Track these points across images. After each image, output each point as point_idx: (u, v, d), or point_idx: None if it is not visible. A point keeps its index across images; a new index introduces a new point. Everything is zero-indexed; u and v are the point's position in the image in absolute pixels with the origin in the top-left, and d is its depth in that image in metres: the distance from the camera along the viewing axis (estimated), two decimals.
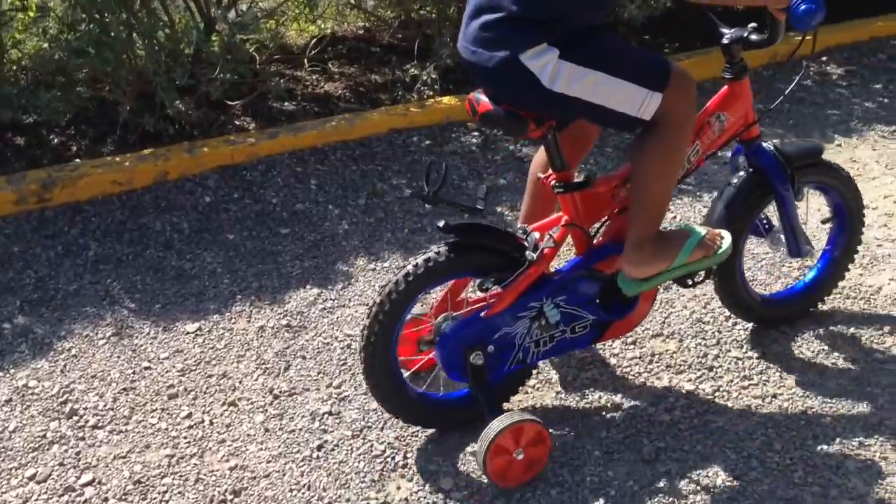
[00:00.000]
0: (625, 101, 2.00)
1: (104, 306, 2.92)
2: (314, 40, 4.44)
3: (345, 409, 2.50)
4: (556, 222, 2.24)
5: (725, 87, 2.29)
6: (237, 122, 3.98)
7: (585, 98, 1.99)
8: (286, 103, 4.14)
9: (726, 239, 2.22)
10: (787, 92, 2.47)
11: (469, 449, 2.31)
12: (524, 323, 2.18)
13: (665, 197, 2.14)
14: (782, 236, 2.49)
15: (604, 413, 2.42)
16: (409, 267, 2.12)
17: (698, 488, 2.17)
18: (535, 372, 2.52)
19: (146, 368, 2.66)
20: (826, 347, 2.61)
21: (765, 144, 2.37)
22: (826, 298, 2.73)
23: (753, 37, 2.20)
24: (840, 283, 2.76)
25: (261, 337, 2.80)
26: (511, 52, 1.96)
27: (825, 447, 2.26)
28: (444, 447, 2.33)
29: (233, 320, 2.86)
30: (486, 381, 2.20)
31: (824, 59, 4.67)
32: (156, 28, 3.64)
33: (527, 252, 2.15)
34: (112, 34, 3.46)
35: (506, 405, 2.33)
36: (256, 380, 2.62)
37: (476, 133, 3.96)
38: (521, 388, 2.38)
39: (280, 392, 2.57)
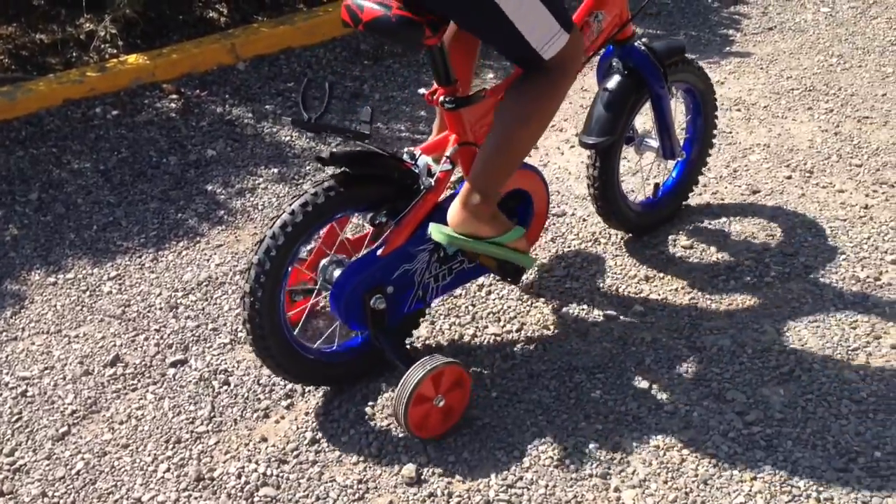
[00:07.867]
0: (537, 30, 1.82)
1: None
2: None
3: (21, 485, 1.92)
4: (445, 143, 2.07)
5: None
6: None
7: (505, 9, 1.77)
8: None
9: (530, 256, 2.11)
10: None
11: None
12: (423, 257, 2.03)
13: (527, 148, 1.97)
14: (650, 141, 2.49)
15: (358, 428, 2.03)
16: (285, 216, 1.89)
17: None
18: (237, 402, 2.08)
19: None
20: (586, 307, 2.38)
21: (636, 44, 2.30)
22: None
23: None
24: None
25: None
26: None
27: (599, 427, 2.02)
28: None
29: None
30: (388, 327, 2.03)
31: None
32: None
33: (421, 179, 1.99)
34: None
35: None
36: None
37: (175, 97, 3.34)
38: (415, 329, 2.20)
39: None
